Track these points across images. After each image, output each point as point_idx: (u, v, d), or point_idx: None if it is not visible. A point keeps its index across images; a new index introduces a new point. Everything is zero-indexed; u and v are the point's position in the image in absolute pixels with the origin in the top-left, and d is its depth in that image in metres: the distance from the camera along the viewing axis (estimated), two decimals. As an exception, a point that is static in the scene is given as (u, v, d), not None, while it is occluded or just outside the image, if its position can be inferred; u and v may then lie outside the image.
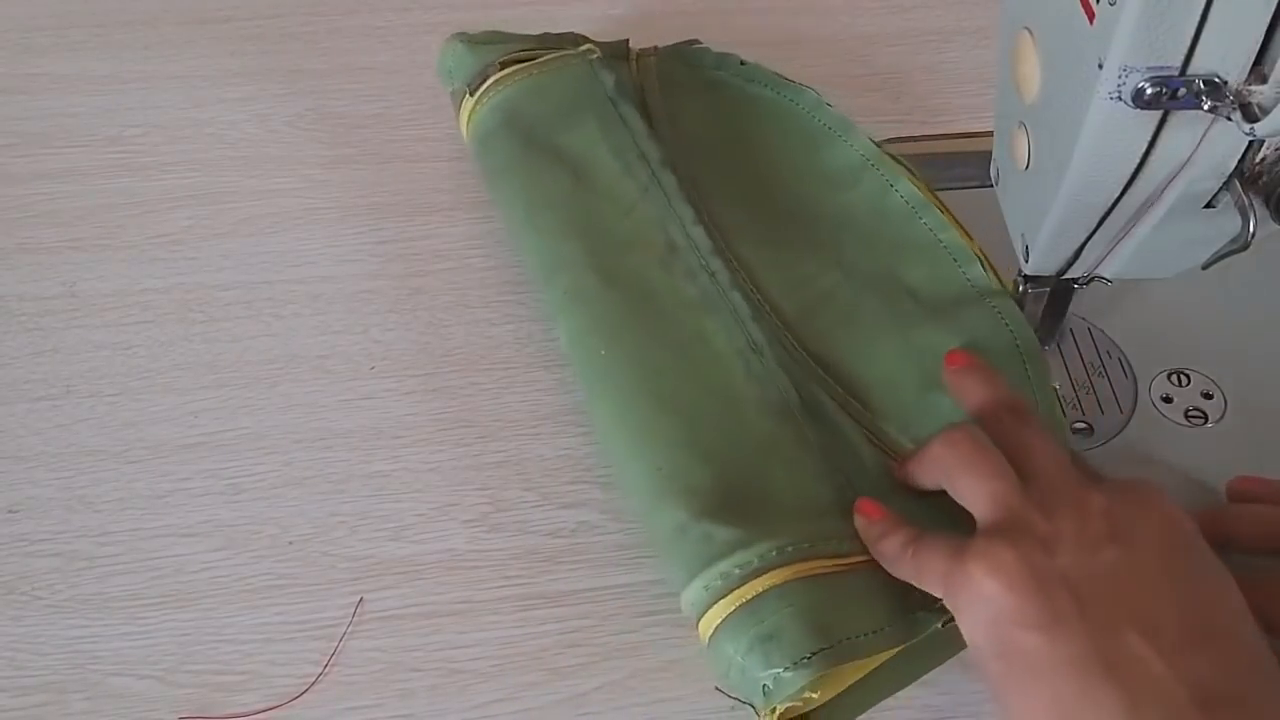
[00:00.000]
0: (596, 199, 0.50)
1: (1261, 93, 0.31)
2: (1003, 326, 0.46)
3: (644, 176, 0.50)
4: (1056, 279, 0.43)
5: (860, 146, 0.54)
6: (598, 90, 0.53)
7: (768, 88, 0.57)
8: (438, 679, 0.40)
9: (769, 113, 0.56)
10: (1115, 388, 0.48)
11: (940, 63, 0.64)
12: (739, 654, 0.37)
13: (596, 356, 0.45)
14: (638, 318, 0.46)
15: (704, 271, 0.48)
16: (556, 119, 0.52)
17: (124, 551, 0.43)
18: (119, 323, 0.51)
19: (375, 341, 0.50)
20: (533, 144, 0.52)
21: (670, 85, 0.56)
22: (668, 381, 0.44)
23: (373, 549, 0.44)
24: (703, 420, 0.43)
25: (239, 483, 0.45)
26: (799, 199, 0.53)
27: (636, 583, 0.43)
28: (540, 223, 0.49)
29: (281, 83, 0.62)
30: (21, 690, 0.40)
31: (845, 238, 0.51)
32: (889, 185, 0.52)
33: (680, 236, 0.49)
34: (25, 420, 0.47)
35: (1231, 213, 0.35)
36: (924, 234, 0.50)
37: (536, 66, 0.54)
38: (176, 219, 0.55)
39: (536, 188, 0.50)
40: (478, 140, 0.54)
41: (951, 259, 0.49)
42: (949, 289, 0.48)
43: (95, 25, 0.66)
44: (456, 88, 0.56)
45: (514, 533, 0.44)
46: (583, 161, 0.51)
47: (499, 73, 0.54)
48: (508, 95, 0.53)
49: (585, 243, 0.48)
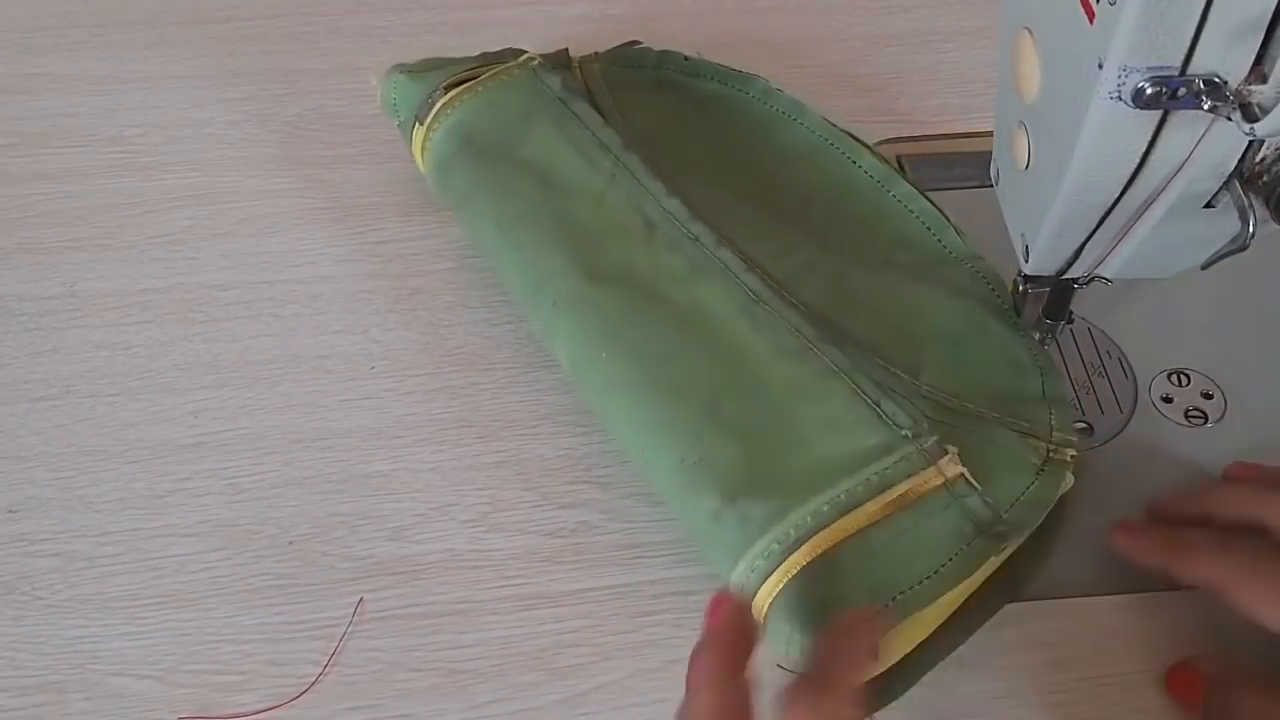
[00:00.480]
0: (566, 199, 0.49)
1: (1261, 93, 0.31)
2: (983, 284, 0.48)
3: (608, 163, 0.50)
4: (1056, 279, 0.43)
5: (816, 126, 0.54)
6: (545, 94, 0.53)
7: (715, 80, 0.57)
8: (438, 679, 0.40)
9: (719, 105, 0.56)
10: (1115, 388, 0.48)
11: (940, 63, 0.64)
12: (796, 630, 0.37)
13: (598, 361, 0.44)
14: (630, 309, 0.45)
15: (687, 239, 0.47)
16: (511, 131, 0.51)
17: (124, 551, 0.43)
18: (119, 323, 0.51)
19: (375, 341, 0.50)
20: (494, 161, 0.50)
21: (616, 88, 0.55)
22: (675, 366, 0.43)
23: (373, 549, 0.44)
24: (720, 392, 0.42)
25: (239, 483, 0.45)
26: (761, 183, 0.53)
27: (636, 582, 0.43)
28: (517, 238, 0.48)
29: (281, 83, 0.62)
30: (21, 690, 0.40)
31: (814, 214, 0.52)
32: (850, 161, 0.53)
33: (656, 212, 0.48)
34: (25, 420, 0.47)
35: (1231, 213, 0.35)
36: (893, 205, 0.51)
37: (481, 84, 0.53)
38: (176, 219, 0.55)
39: (507, 204, 0.49)
40: (437, 168, 0.52)
41: (925, 227, 0.50)
42: (926, 254, 0.49)
43: (95, 25, 0.66)
44: (404, 119, 0.54)
45: (514, 533, 0.44)
46: (545, 166, 0.50)
47: (445, 96, 0.52)
48: (459, 118, 0.52)
49: (564, 249, 0.47)
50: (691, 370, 0.43)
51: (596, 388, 0.44)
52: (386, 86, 0.55)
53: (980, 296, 0.48)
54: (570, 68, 0.56)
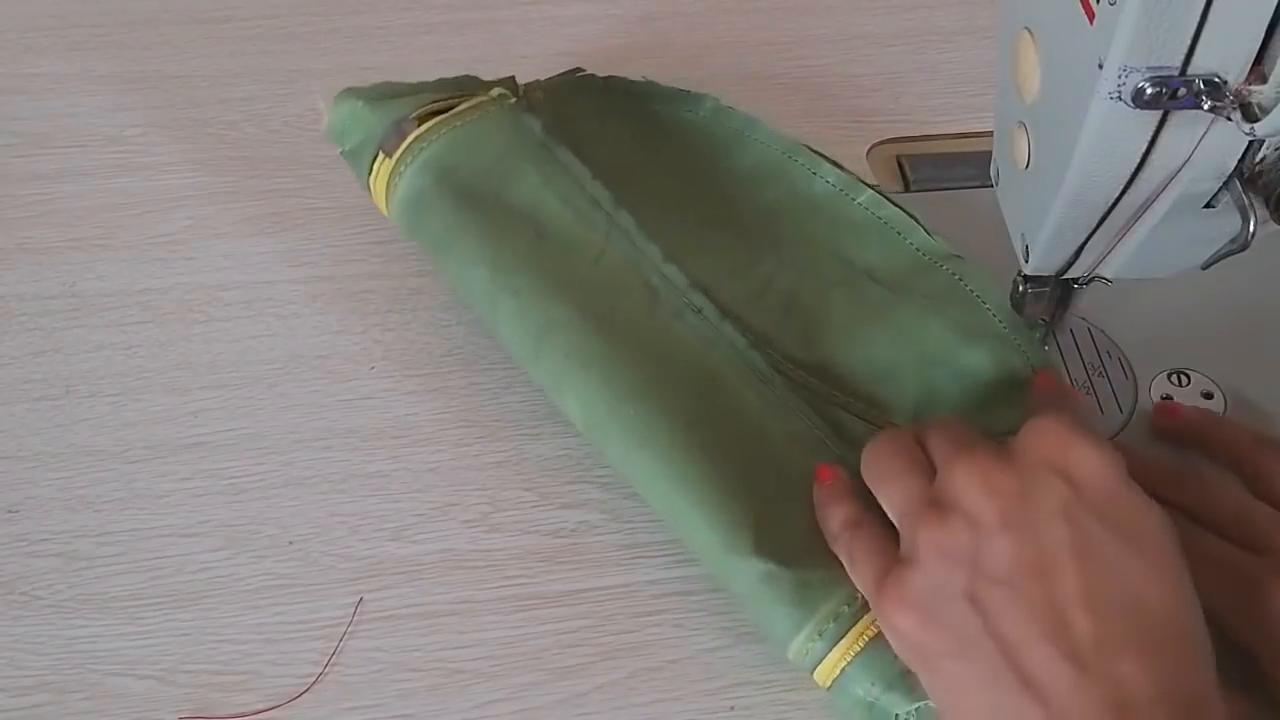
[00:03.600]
0: (563, 253, 0.47)
1: (1261, 93, 0.31)
2: (961, 287, 0.48)
3: (601, 221, 0.48)
4: (1056, 279, 0.43)
5: (772, 141, 0.54)
6: (527, 136, 0.50)
7: (663, 103, 0.55)
8: (437, 679, 0.40)
9: (669, 129, 0.55)
10: (1115, 388, 0.48)
11: (940, 63, 0.64)
12: (877, 692, 0.37)
13: (622, 416, 0.43)
14: (651, 368, 0.44)
15: (689, 309, 0.46)
16: (493, 172, 0.49)
17: (124, 551, 0.43)
18: (119, 323, 0.51)
19: (375, 341, 0.50)
20: (479, 202, 0.48)
21: (562, 118, 0.53)
22: (707, 431, 0.42)
23: (373, 549, 0.44)
24: (752, 464, 0.42)
25: (239, 483, 0.45)
26: (723, 206, 0.52)
27: (636, 582, 0.43)
28: (514, 285, 0.46)
29: (281, 83, 0.62)
30: (21, 690, 0.40)
31: (784, 234, 0.51)
32: (811, 174, 0.52)
33: (655, 277, 0.47)
34: (25, 420, 0.47)
35: (1231, 213, 0.35)
36: (860, 213, 0.51)
37: (458, 117, 0.50)
38: (176, 219, 0.55)
39: (499, 248, 0.47)
40: (408, 204, 0.49)
41: (895, 232, 0.50)
42: (901, 261, 0.49)
43: (95, 25, 0.66)
44: (353, 147, 0.51)
45: (514, 533, 0.44)
46: (536, 215, 0.48)
47: (418, 129, 0.49)
48: (434, 152, 0.49)
49: (573, 300, 0.45)
50: (722, 437, 0.43)
51: (619, 442, 0.43)
52: (339, 113, 0.51)
53: (961, 302, 0.48)
54: (518, 96, 0.53)
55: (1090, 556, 0.32)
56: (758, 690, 0.40)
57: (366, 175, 0.50)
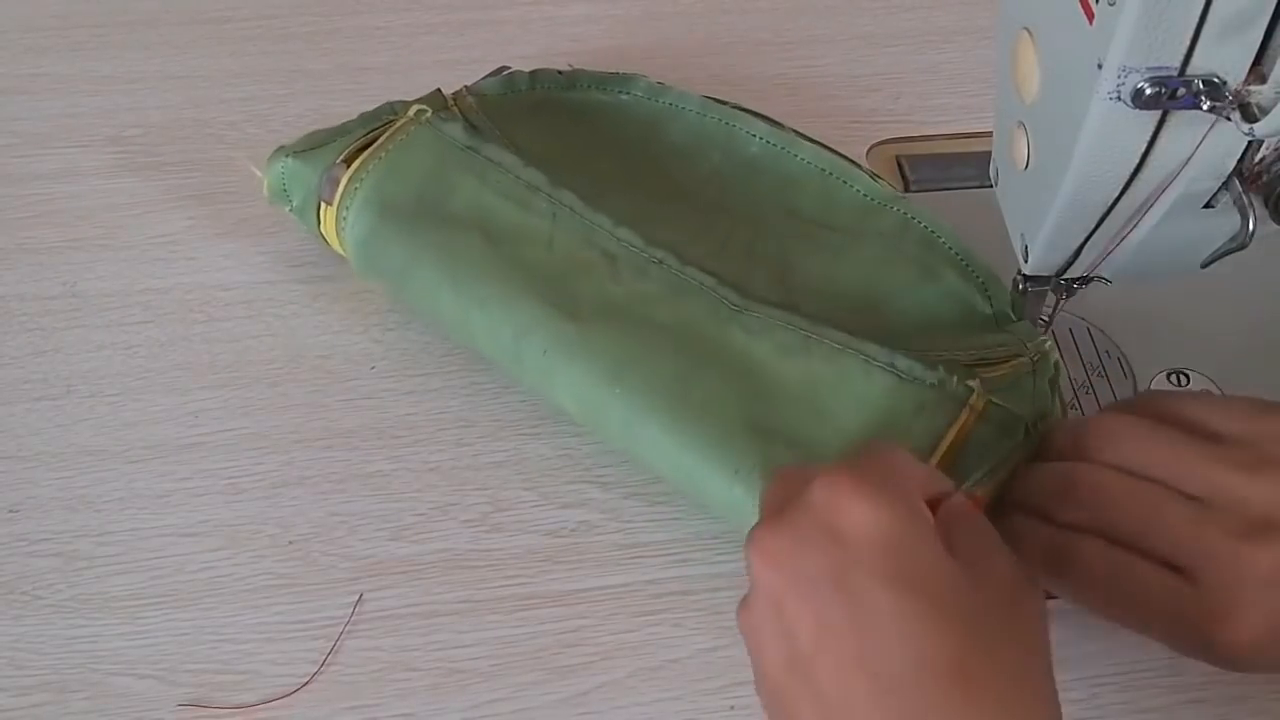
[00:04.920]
0: (515, 247, 0.47)
1: (1261, 93, 0.31)
2: (915, 224, 0.50)
3: (543, 204, 0.48)
4: (1056, 279, 0.43)
5: (706, 110, 0.55)
6: (451, 145, 0.49)
7: (594, 89, 0.56)
8: (437, 678, 0.40)
9: (605, 113, 0.55)
10: (1115, 388, 0.48)
11: (940, 63, 0.64)
12: None
13: (613, 397, 0.43)
14: (627, 339, 0.44)
15: (651, 263, 0.46)
16: (429, 191, 0.48)
17: (124, 551, 0.43)
18: (119, 323, 0.51)
19: (375, 341, 0.50)
20: (424, 225, 0.47)
21: (498, 118, 0.53)
22: (694, 386, 0.43)
23: (373, 549, 0.44)
24: (749, 402, 0.42)
25: (239, 483, 0.45)
26: (666, 181, 0.53)
27: (636, 582, 0.43)
28: (478, 296, 0.46)
29: (281, 83, 0.62)
30: (21, 690, 0.40)
31: (731, 198, 0.52)
32: (749, 135, 0.54)
33: (610, 243, 0.47)
34: (25, 420, 0.47)
35: (1231, 213, 0.35)
36: (801, 167, 0.53)
37: (381, 149, 0.49)
38: (176, 219, 0.55)
39: (453, 263, 0.46)
40: (360, 247, 0.48)
41: (839, 180, 0.52)
42: (849, 207, 0.51)
43: (96, 25, 0.66)
44: (300, 203, 0.50)
45: (514, 532, 0.44)
46: (480, 219, 0.47)
47: (347, 171, 0.49)
48: (369, 189, 0.48)
49: (535, 295, 0.45)
50: (712, 387, 0.43)
51: (618, 423, 0.43)
52: (273, 174, 0.50)
53: (917, 240, 0.50)
54: (448, 106, 0.53)
55: (864, 620, 0.31)
56: (757, 690, 0.40)
57: (316, 225, 0.50)
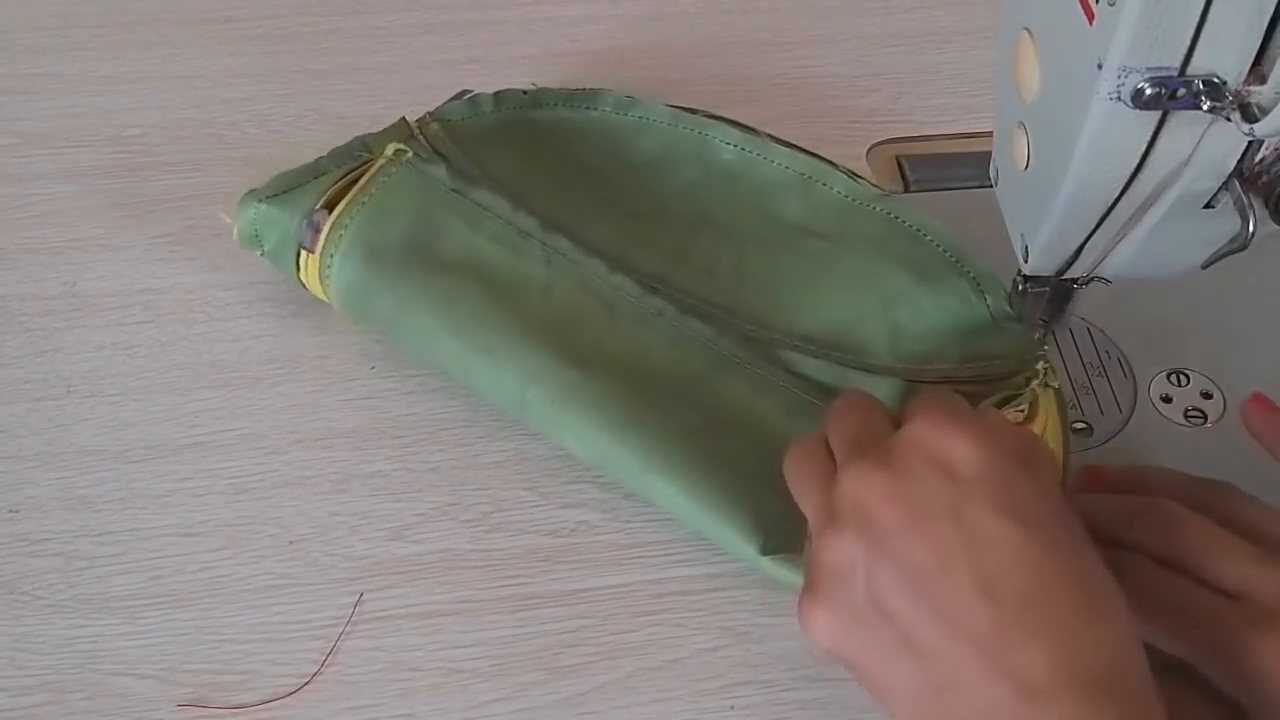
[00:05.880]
0: (513, 296, 0.46)
1: (1261, 93, 0.31)
2: (900, 225, 0.50)
3: (537, 250, 0.47)
4: (1056, 279, 0.43)
5: (675, 120, 0.54)
6: (435, 186, 0.49)
7: (560, 106, 0.55)
8: (437, 679, 0.40)
9: (572, 131, 0.54)
10: (1115, 388, 0.48)
11: (940, 63, 0.64)
12: None
13: (627, 445, 0.43)
14: (636, 387, 0.44)
15: (651, 314, 0.46)
16: (419, 235, 0.47)
17: (124, 551, 0.43)
18: (119, 323, 0.51)
19: (375, 341, 0.50)
20: (418, 270, 0.47)
21: (465, 143, 0.52)
22: (706, 440, 0.43)
23: (373, 549, 0.44)
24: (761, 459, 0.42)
25: (239, 483, 0.45)
26: (644, 197, 0.52)
27: (636, 582, 0.43)
28: (481, 343, 0.45)
29: (281, 83, 0.62)
30: (21, 690, 0.40)
31: (711, 209, 0.52)
32: (722, 143, 0.53)
33: (607, 290, 0.47)
34: (25, 420, 0.47)
35: (1231, 213, 0.35)
36: (778, 172, 0.52)
37: (364, 192, 0.48)
38: (176, 219, 0.55)
39: (452, 310, 0.46)
40: (349, 293, 0.47)
41: (818, 183, 0.52)
42: (830, 210, 0.51)
43: (96, 25, 0.66)
44: (273, 248, 0.49)
45: (514, 532, 0.44)
46: (475, 265, 0.47)
47: (329, 216, 0.47)
48: (354, 234, 0.47)
49: (540, 343, 0.45)
50: (722, 441, 0.43)
51: (630, 473, 0.43)
52: (245, 219, 0.49)
53: (905, 240, 0.50)
54: (413, 135, 0.52)
55: (981, 548, 0.32)
56: (757, 690, 0.40)
57: (295, 272, 0.49)
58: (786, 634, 0.42)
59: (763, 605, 0.42)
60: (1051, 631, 0.31)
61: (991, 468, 0.33)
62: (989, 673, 0.31)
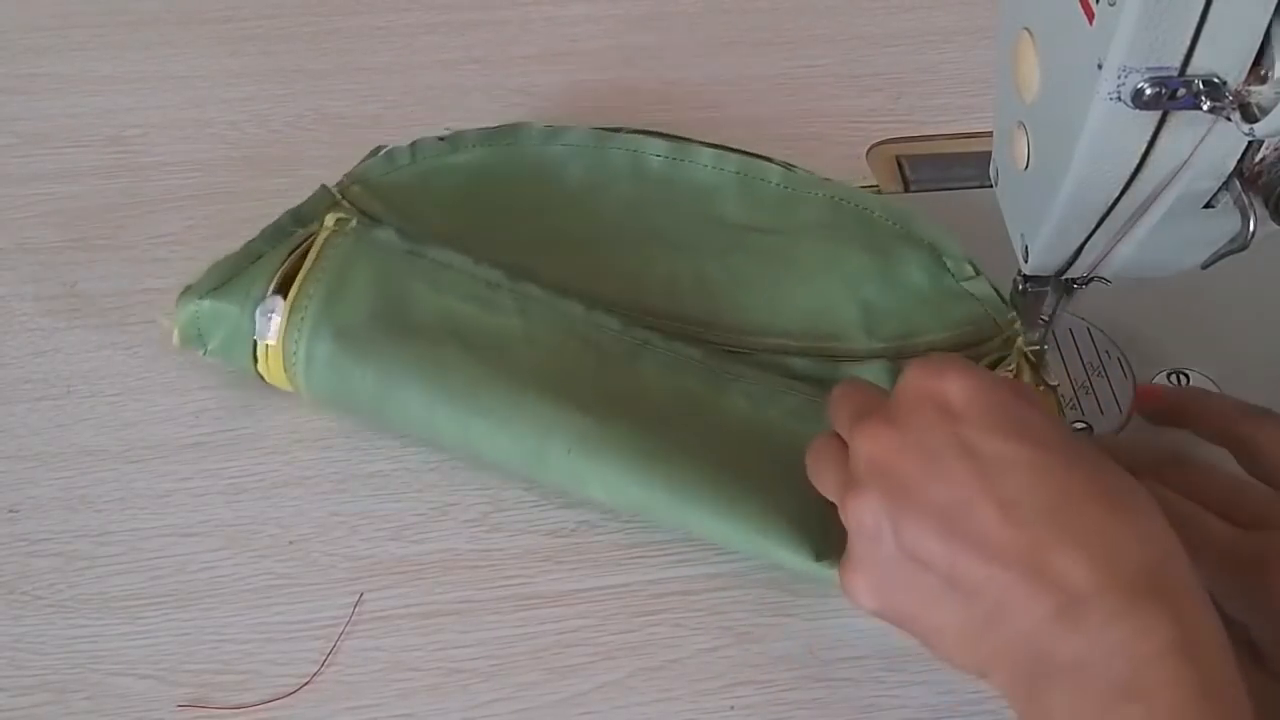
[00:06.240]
0: (499, 352, 0.44)
1: (1261, 93, 0.31)
2: (844, 206, 0.50)
3: (508, 300, 0.46)
4: (1056, 279, 0.43)
5: (600, 140, 0.53)
6: (387, 250, 0.46)
7: (479, 147, 0.53)
8: (437, 678, 0.40)
9: (496, 170, 0.53)
10: (1115, 388, 0.48)
11: (940, 63, 0.64)
12: None
13: (656, 485, 0.42)
14: (648, 422, 0.43)
15: (639, 345, 0.46)
16: (383, 305, 0.45)
17: (124, 551, 0.43)
18: (120, 323, 0.51)
19: (375, 341, 0.50)
20: (393, 342, 0.44)
21: (392, 201, 0.50)
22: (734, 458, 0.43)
23: (373, 549, 0.44)
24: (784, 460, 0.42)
25: (239, 483, 0.45)
26: (585, 222, 0.51)
27: (636, 582, 0.43)
28: (480, 406, 0.43)
29: (281, 83, 0.62)
30: (21, 690, 0.40)
31: (654, 223, 0.51)
32: (653, 156, 0.53)
33: (591, 330, 0.46)
34: (25, 420, 0.47)
35: (1231, 213, 0.35)
36: (710, 175, 0.52)
37: (317, 269, 0.45)
38: (176, 219, 0.55)
39: (442, 379, 0.44)
40: (323, 379, 0.45)
41: (756, 179, 0.52)
42: (771, 203, 0.51)
43: (96, 25, 0.66)
44: (219, 345, 0.46)
45: (514, 532, 0.44)
46: (451, 327, 0.45)
47: (285, 303, 0.44)
48: (315, 316, 0.44)
49: (535, 394, 0.43)
50: (747, 456, 0.43)
51: (668, 508, 0.42)
52: (185, 319, 0.46)
53: (853, 220, 0.50)
54: (337, 202, 0.49)
55: (997, 475, 0.33)
56: (758, 690, 0.40)
57: (252, 364, 0.46)
58: (786, 634, 0.42)
59: (763, 605, 0.42)
60: (1084, 538, 0.31)
61: (988, 396, 0.34)
62: (1031, 592, 0.31)
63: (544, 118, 0.56)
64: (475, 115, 0.60)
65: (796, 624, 0.42)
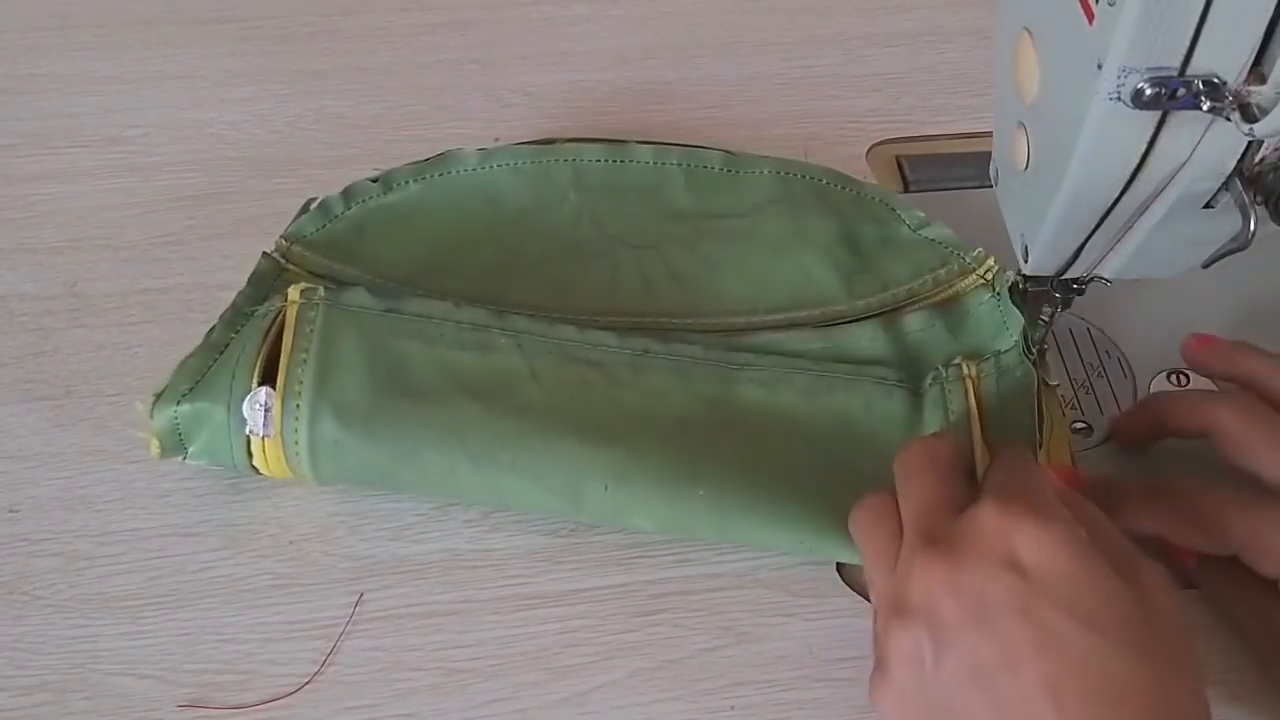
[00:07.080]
0: (506, 395, 0.43)
1: (1261, 93, 0.31)
2: (790, 179, 0.52)
3: (501, 340, 0.44)
4: (1056, 279, 0.43)
5: (538, 155, 0.53)
6: (366, 316, 0.44)
7: (412, 183, 0.51)
8: (437, 678, 0.40)
9: (436, 202, 0.51)
10: (1115, 388, 0.48)
11: (940, 63, 0.64)
12: None
13: (699, 502, 0.42)
14: (678, 438, 0.43)
15: (640, 355, 0.45)
16: (378, 372, 0.43)
17: (124, 551, 0.43)
18: (119, 323, 0.51)
19: (375, 341, 0.50)
20: (395, 411, 0.42)
21: (336, 255, 0.49)
22: (763, 455, 0.43)
23: (373, 549, 0.44)
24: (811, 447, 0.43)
25: (239, 483, 0.45)
26: (544, 242, 0.51)
27: (636, 582, 0.43)
28: (505, 462, 0.42)
29: (281, 83, 0.62)
30: (21, 690, 0.40)
31: (610, 229, 0.51)
32: (592, 162, 0.53)
33: (590, 351, 0.45)
34: (25, 420, 0.47)
35: (1231, 213, 0.35)
36: (652, 171, 0.53)
37: (298, 351, 0.43)
38: (176, 219, 0.55)
39: (459, 439, 0.42)
40: (332, 462, 0.43)
41: (699, 167, 0.53)
42: (719, 187, 0.52)
43: (96, 25, 0.66)
44: (200, 448, 0.43)
45: (514, 532, 0.44)
46: (455, 382, 0.43)
47: (276, 392, 0.42)
48: (310, 401, 0.42)
49: (558, 436, 0.42)
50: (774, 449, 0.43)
51: (715, 523, 0.42)
52: (163, 426, 0.43)
53: (803, 192, 0.52)
54: (285, 266, 0.48)
55: (1051, 649, 0.31)
56: (758, 690, 0.40)
57: (246, 460, 0.43)
58: (786, 634, 0.42)
59: (763, 605, 0.42)
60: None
61: (1065, 566, 0.32)
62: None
63: (544, 117, 0.56)
64: (475, 115, 0.60)
65: (796, 624, 0.42)
